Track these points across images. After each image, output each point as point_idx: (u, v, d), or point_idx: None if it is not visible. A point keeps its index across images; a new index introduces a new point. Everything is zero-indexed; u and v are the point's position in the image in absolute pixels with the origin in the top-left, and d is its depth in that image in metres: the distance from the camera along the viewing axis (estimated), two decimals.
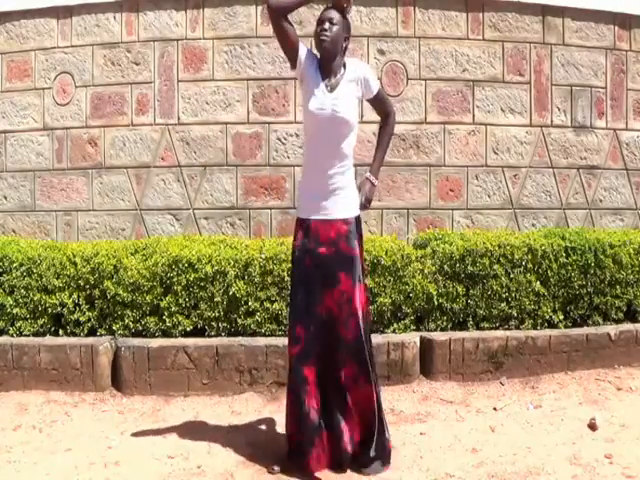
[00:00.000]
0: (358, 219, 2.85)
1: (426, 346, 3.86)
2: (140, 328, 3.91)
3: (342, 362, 2.78)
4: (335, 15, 2.72)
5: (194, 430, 3.28)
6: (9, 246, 4.20)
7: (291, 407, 2.85)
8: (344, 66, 2.78)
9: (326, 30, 2.68)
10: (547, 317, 4.07)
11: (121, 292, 3.87)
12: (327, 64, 2.75)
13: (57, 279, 3.96)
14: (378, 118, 4.81)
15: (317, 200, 2.79)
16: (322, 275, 2.76)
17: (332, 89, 2.73)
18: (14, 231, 5.07)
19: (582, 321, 4.15)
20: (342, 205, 2.78)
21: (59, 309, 3.95)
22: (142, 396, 3.68)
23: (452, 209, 4.97)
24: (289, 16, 2.68)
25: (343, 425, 2.78)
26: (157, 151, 4.92)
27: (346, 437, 2.78)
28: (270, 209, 4.88)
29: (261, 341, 3.77)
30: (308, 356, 2.78)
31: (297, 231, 2.85)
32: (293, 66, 2.78)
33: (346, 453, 2.79)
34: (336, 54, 2.74)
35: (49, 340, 3.86)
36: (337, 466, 2.81)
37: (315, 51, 2.81)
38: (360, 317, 2.78)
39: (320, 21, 2.73)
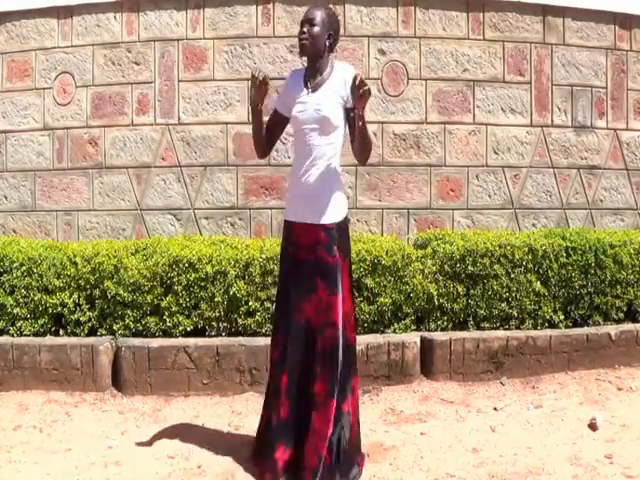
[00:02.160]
0: (341, 225, 2.73)
1: (426, 346, 3.86)
2: (140, 328, 3.91)
3: (314, 375, 2.65)
4: (316, 14, 2.68)
5: (194, 430, 3.28)
6: (9, 246, 4.20)
7: (263, 410, 2.85)
8: (332, 66, 2.74)
9: (305, 33, 2.67)
10: (547, 317, 4.07)
11: (121, 292, 3.87)
12: (311, 65, 2.73)
13: (57, 279, 3.96)
14: (379, 118, 4.89)
15: (300, 203, 2.72)
16: (301, 281, 2.69)
17: (315, 89, 2.70)
18: (14, 231, 5.07)
19: (582, 321, 4.14)
20: (325, 210, 2.67)
21: (59, 309, 3.95)
22: (142, 396, 3.69)
23: (452, 209, 4.96)
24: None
25: (308, 442, 2.62)
26: (157, 151, 4.92)
27: (309, 454, 2.61)
28: (270, 209, 4.88)
29: (261, 341, 3.76)
30: (284, 364, 2.71)
31: (284, 233, 2.82)
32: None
33: (313, 471, 2.60)
34: (319, 53, 2.69)
35: (49, 340, 3.86)
36: None
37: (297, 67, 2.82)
38: (340, 329, 2.65)
39: (301, 24, 2.71)
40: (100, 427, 3.31)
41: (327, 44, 2.70)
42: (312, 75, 2.74)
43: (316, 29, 2.67)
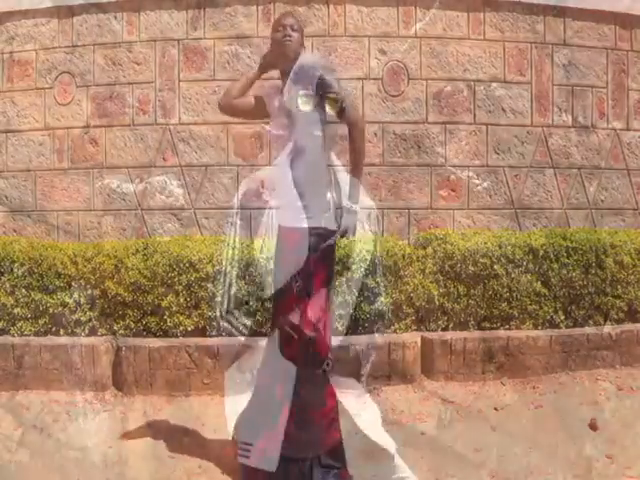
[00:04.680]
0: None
1: (427, 346, 3.85)
2: (141, 328, 3.91)
3: None
4: (295, 22, 2.70)
5: (195, 430, 3.28)
6: (10, 246, 4.19)
7: None
8: None
9: (290, 35, 2.65)
10: (548, 317, 4.07)
11: (122, 292, 3.87)
12: (286, 72, 2.67)
13: (58, 279, 3.96)
14: (377, 118, 4.88)
15: None
16: None
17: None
18: (15, 231, 5.07)
19: (583, 321, 4.14)
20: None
21: (60, 309, 3.95)
22: (143, 396, 3.68)
23: (453, 209, 4.96)
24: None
25: None
26: (158, 151, 4.92)
27: None
28: (271, 209, 4.87)
29: (262, 341, 3.76)
30: None
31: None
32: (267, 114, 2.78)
33: None
34: (293, 62, 2.66)
35: (50, 340, 3.86)
36: None
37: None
38: None
39: (282, 26, 2.67)
40: (100, 427, 3.31)
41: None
42: (284, 83, 2.71)
43: (297, 35, 2.68)
